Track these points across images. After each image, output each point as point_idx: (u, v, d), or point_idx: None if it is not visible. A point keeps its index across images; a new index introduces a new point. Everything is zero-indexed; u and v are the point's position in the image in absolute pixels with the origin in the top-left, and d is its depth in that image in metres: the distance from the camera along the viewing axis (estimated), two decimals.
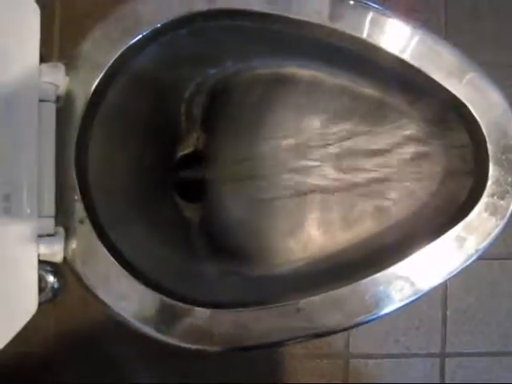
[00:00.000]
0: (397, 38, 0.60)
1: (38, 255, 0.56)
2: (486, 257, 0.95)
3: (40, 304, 0.58)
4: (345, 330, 0.60)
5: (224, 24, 0.63)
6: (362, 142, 0.77)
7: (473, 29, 0.96)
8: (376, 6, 0.60)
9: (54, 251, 0.58)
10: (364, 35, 0.60)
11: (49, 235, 0.57)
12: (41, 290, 0.59)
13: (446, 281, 0.60)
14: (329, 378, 0.97)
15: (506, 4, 0.96)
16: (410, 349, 0.97)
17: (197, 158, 0.82)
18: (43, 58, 0.58)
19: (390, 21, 0.60)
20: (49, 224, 0.57)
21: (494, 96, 0.60)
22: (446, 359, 0.98)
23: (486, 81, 0.60)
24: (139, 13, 0.59)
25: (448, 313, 0.97)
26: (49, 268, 0.60)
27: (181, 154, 0.82)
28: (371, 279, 0.58)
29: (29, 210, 0.55)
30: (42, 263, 0.58)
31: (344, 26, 0.60)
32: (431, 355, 0.98)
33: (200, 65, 0.77)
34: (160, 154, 0.81)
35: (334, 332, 0.60)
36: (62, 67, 0.59)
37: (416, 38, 0.60)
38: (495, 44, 0.96)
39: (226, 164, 0.81)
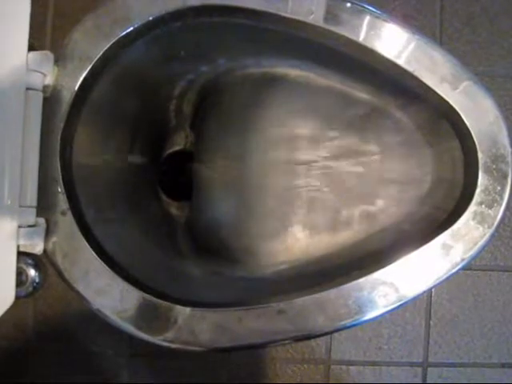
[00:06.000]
0: (392, 42, 0.59)
1: (18, 246, 0.55)
2: (471, 267, 0.97)
3: (21, 298, 0.57)
4: (326, 334, 0.59)
5: (217, 21, 0.62)
6: (351, 146, 0.77)
7: (467, 38, 0.96)
8: (373, 9, 0.60)
9: (34, 242, 0.57)
10: (359, 38, 0.59)
11: (30, 226, 0.56)
12: (22, 283, 0.57)
13: (430, 289, 0.59)
14: (309, 382, 0.96)
15: (501, 14, 0.96)
16: (392, 357, 0.97)
17: (185, 157, 0.82)
18: (35, 49, 0.57)
19: (386, 25, 0.59)
20: (30, 215, 0.56)
21: (487, 104, 0.59)
22: (429, 369, 0.98)
23: (479, 88, 0.59)
24: (131, 5, 0.58)
25: (432, 322, 0.97)
26: (30, 261, 0.59)
27: (169, 151, 0.82)
28: (355, 284, 0.58)
29: (9, 201, 0.54)
30: (23, 256, 0.57)
31: (339, 28, 0.59)
32: (414, 364, 0.98)
33: (191, 61, 0.76)
34: (148, 150, 0.80)
35: (316, 336, 0.59)
36: (50, 56, 0.58)
37: (412, 43, 0.59)
38: (490, 53, 0.96)
39: (214, 164, 0.81)
